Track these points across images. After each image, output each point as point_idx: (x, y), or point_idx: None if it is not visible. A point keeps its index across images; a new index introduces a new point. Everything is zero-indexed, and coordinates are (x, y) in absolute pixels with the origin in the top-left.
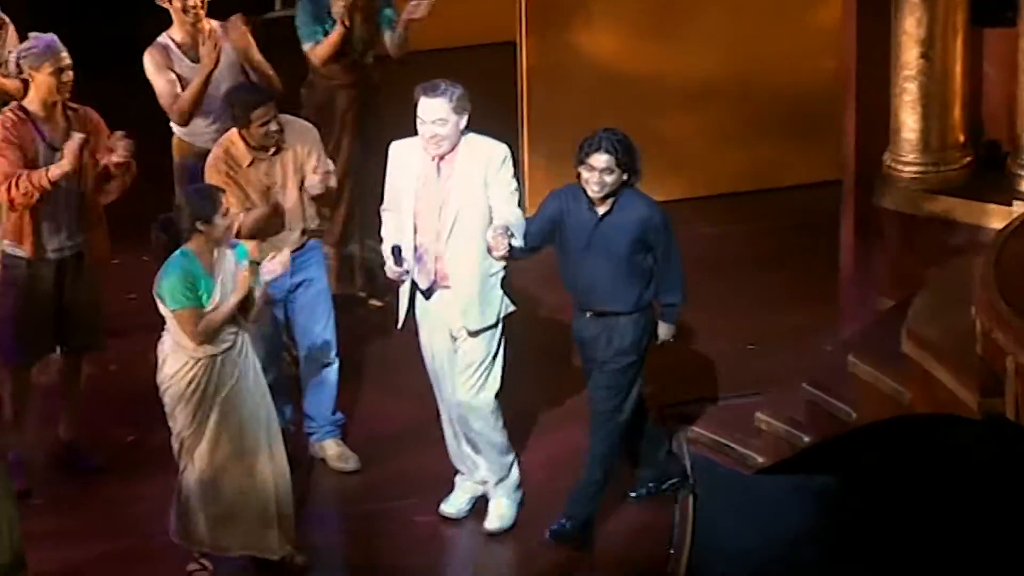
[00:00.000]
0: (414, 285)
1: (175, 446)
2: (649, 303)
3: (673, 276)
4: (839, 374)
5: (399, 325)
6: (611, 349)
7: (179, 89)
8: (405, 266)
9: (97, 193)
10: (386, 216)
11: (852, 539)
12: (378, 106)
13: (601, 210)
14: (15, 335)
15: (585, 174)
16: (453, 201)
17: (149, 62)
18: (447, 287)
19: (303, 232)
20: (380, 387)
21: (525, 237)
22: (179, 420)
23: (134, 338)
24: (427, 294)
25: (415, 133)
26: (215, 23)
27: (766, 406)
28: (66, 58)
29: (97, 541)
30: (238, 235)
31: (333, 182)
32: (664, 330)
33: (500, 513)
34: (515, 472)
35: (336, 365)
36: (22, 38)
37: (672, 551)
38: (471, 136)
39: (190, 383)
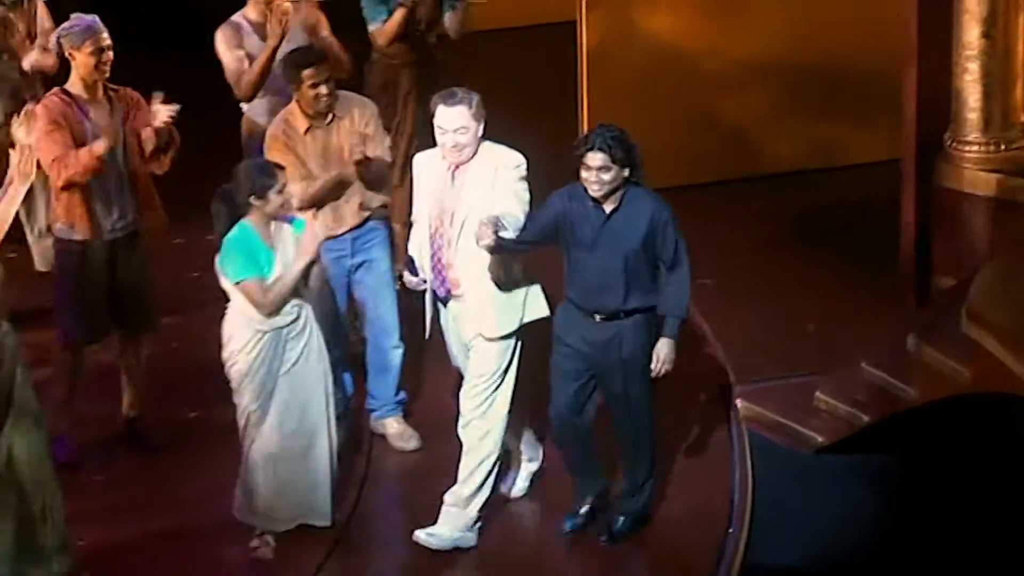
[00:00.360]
0: (435, 294)
1: (241, 422)
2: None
3: (678, 284)
4: (899, 354)
5: (427, 335)
6: (627, 352)
7: (247, 65)
8: (421, 276)
9: (147, 169)
10: (414, 227)
11: (905, 519)
12: (441, 85)
13: (608, 208)
14: (72, 315)
15: (584, 173)
16: (463, 208)
17: (220, 39)
18: (459, 295)
19: (361, 206)
20: (443, 366)
21: (522, 231)
22: (246, 396)
23: (196, 316)
24: (445, 302)
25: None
26: (288, 3)
27: (826, 386)
28: (106, 39)
29: (157, 517)
30: (300, 206)
31: (384, 154)
32: (665, 349)
33: (433, 531)
34: (472, 511)
35: (401, 349)
36: (62, 18)
37: (731, 529)
38: (487, 144)
39: (256, 358)
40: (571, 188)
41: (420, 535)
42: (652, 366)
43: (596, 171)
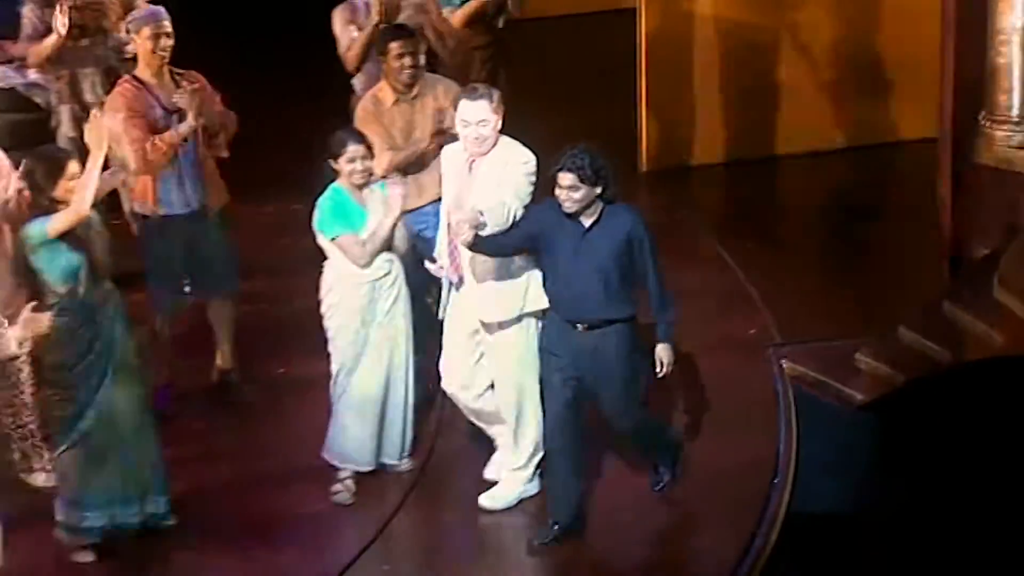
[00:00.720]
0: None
1: (335, 368)
2: (635, 308)
3: (663, 291)
4: (935, 318)
5: (438, 315)
6: (609, 357)
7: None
8: (440, 262)
9: (209, 149)
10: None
11: (938, 471)
12: (510, 68)
13: (586, 222)
14: (156, 282)
15: (557, 191)
16: (473, 199)
17: (337, 18)
18: (464, 282)
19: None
20: None
21: (504, 236)
22: (341, 345)
23: (285, 280)
24: (458, 288)
25: (545, 94)
26: None
27: (866, 347)
28: (166, 26)
29: (246, 463)
30: (383, 174)
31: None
32: (664, 353)
33: (496, 495)
34: (530, 470)
35: None
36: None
37: (776, 479)
38: (505, 139)
39: (352, 309)
40: (550, 202)
41: (484, 501)
42: (657, 370)
43: (566, 190)
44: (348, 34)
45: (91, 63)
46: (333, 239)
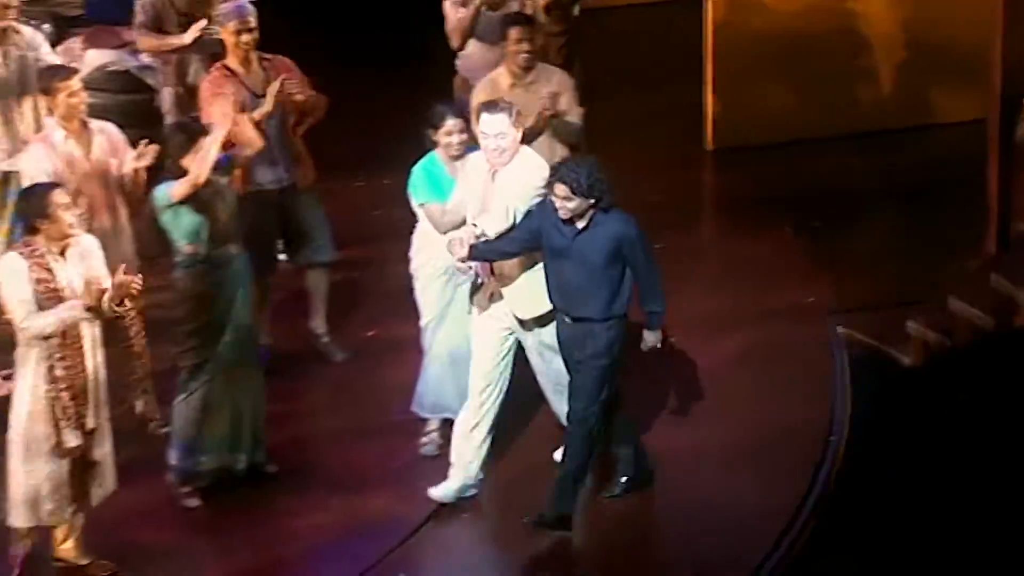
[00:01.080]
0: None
1: (423, 324)
2: (622, 312)
3: (652, 287)
4: (982, 289)
5: (468, 312)
6: (586, 351)
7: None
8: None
9: (297, 128)
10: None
11: (978, 429)
12: (584, 56)
13: (579, 225)
14: (251, 253)
15: (552, 197)
16: (495, 204)
17: (448, 2)
18: (492, 280)
19: None
20: None
21: (500, 241)
22: (429, 301)
23: (375, 249)
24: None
25: (617, 78)
26: None
27: (917, 315)
28: (249, 22)
29: (336, 419)
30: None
31: (573, 115)
32: (650, 337)
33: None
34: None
35: None
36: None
37: (832, 437)
38: (525, 149)
39: (438, 268)
40: (551, 203)
41: (559, 456)
42: (641, 347)
43: (561, 199)
44: (455, 13)
45: (197, 49)
46: (421, 204)
